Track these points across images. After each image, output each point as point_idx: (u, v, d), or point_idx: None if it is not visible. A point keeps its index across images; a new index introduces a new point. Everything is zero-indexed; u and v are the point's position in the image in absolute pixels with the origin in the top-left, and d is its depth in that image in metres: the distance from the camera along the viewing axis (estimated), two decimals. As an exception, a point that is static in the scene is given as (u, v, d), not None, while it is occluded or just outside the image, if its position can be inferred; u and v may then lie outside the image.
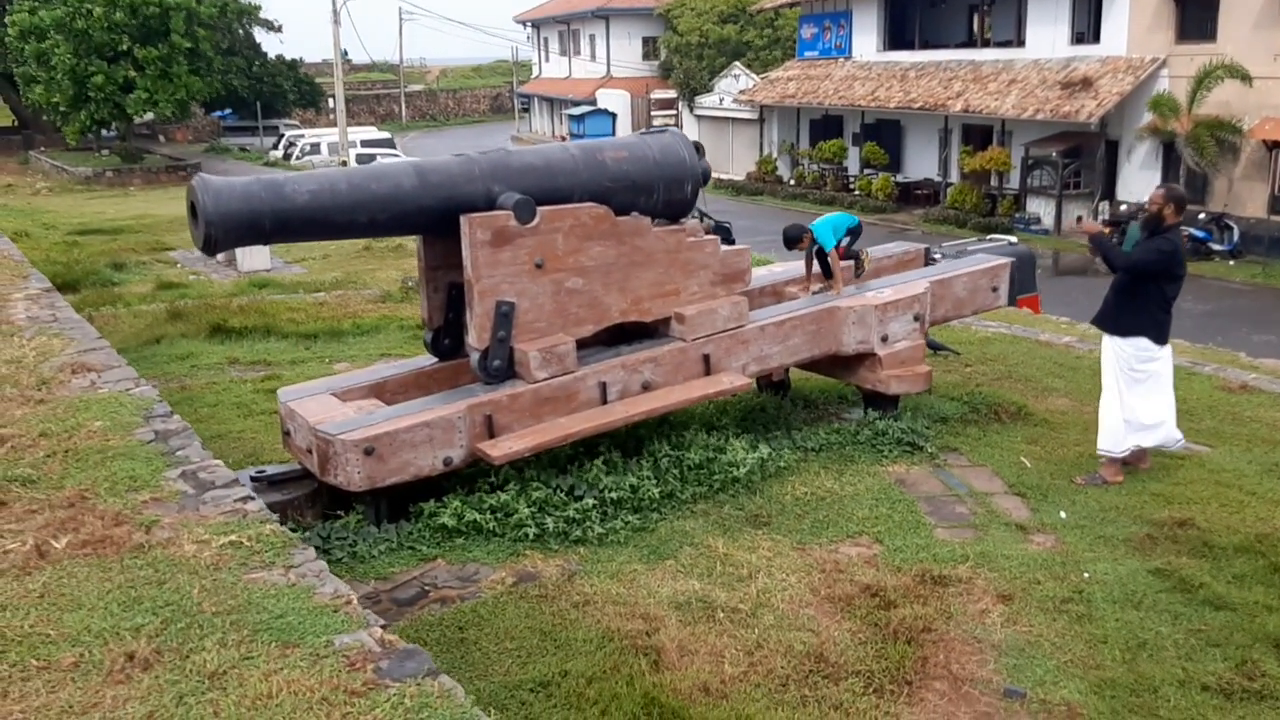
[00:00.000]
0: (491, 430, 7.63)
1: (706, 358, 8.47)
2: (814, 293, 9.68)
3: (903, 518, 7.88)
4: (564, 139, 62.82)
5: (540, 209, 7.78)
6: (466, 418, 7.50)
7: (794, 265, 10.49)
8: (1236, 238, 30.08)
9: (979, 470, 8.76)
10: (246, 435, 9.79)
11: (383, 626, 4.54)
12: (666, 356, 8.31)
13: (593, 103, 61.83)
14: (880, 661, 5.99)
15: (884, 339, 9.05)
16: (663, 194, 8.49)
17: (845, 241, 9.73)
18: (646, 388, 8.24)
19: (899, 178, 40.89)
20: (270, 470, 7.73)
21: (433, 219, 7.71)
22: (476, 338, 7.73)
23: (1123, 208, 33.61)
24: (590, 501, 7.69)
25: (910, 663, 5.96)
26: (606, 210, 8.06)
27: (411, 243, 17.14)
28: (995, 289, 10.09)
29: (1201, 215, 30.67)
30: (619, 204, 8.19)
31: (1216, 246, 30.14)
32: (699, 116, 51.82)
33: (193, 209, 7.14)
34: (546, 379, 7.81)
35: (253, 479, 7.60)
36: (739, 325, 8.63)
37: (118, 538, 5.25)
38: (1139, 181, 34.59)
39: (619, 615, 6.56)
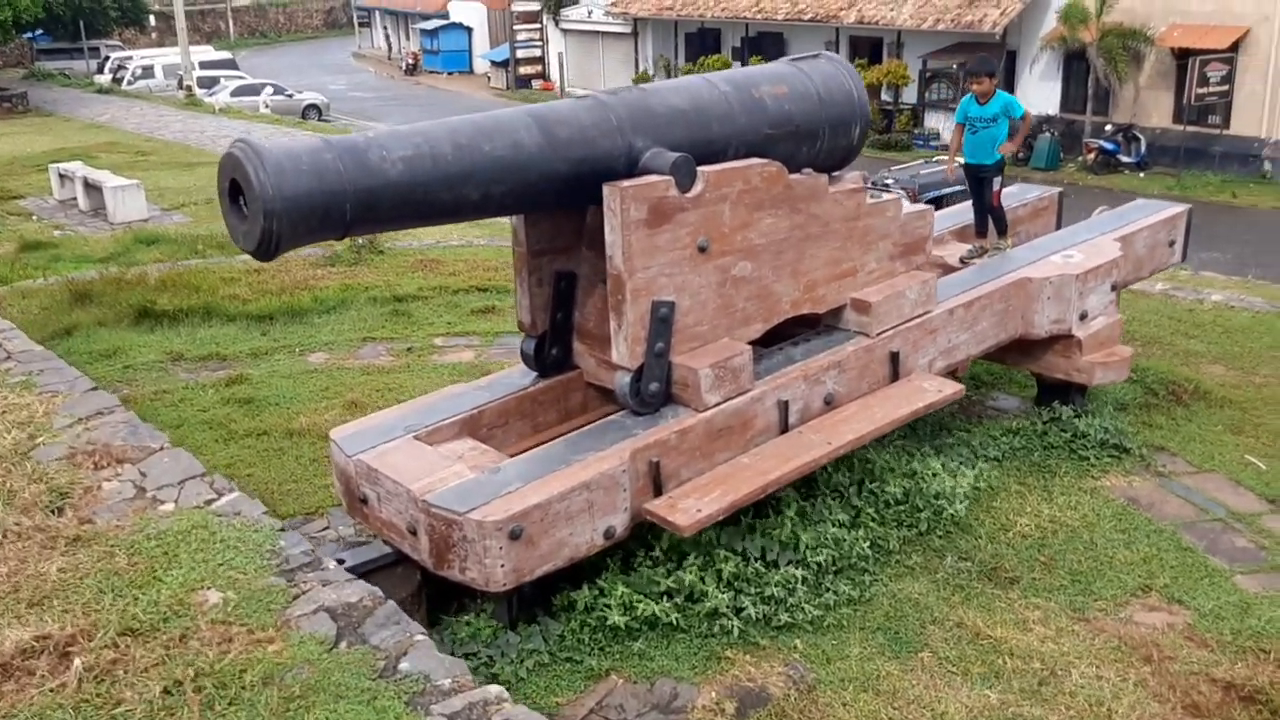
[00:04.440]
0: (659, 482, 5.49)
1: (894, 356, 6.46)
2: (964, 258, 7.74)
3: (1179, 560, 6.10)
4: (415, 56, 58.92)
5: (700, 170, 5.60)
6: (630, 469, 5.34)
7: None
8: (1144, 149, 29.45)
9: (1211, 478, 7.05)
10: (239, 471, 7.32)
11: None
12: (851, 359, 6.27)
13: (445, 16, 57.96)
14: (1357, 828, 4.19)
15: (1082, 316, 7.19)
16: (827, 140, 6.39)
17: (998, 184, 7.80)
18: (829, 403, 6.19)
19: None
20: (348, 555, 5.42)
21: (560, 189, 5.46)
22: (629, 352, 5.54)
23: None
24: (796, 572, 5.65)
25: (1400, 827, 4.19)
26: (780, 168, 5.93)
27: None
28: (1172, 243, 8.33)
29: (1108, 127, 29.94)
30: (780, 157, 6.06)
31: (1124, 158, 29.44)
32: (565, 30, 48.85)
33: (234, 190, 4.72)
34: (719, 404, 5.70)
35: (327, 573, 5.29)
36: (926, 311, 6.63)
37: None
38: (1039, 93, 33.66)
39: (920, 760, 4.59)
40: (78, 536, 4.49)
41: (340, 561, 5.33)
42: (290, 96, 40.40)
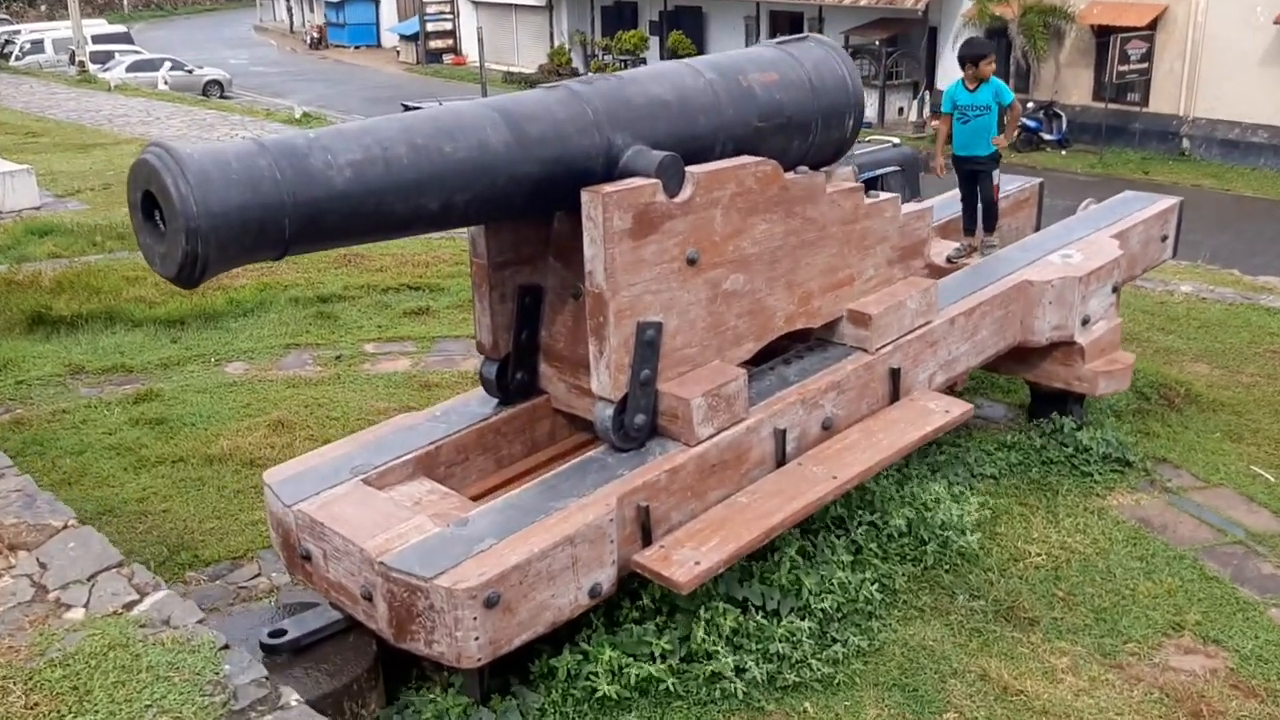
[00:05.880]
0: (647, 528, 4.82)
1: (895, 373, 5.85)
2: (951, 258, 7.18)
3: (1206, 591, 5.61)
4: (320, 29, 57.17)
5: (688, 171, 4.92)
6: (618, 516, 4.66)
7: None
8: (1065, 126, 29.48)
9: (1221, 493, 6.59)
10: (153, 506, 6.52)
11: None
12: (850, 378, 5.64)
13: (352, -14, 56.22)
14: None
15: (1084, 321, 6.66)
16: (819, 133, 5.75)
17: (998, 177, 7.26)
18: (827, 428, 5.56)
19: (707, 68, 38.65)
20: (290, 625, 4.65)
21: (530, 194, 4.74)
22: (611, 381, 4.84)
23: (948, 97, 32.52)
24: (802, 624, 5.02)
25: None
26: (775, 166, 5.27)
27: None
28: (1165, 238, 7.86)
29: (1030, 104, 29.87)
30: (771, 152, 5.42)
31: (1047, 136, 29.42)
32: (477, 3, 47.62)
33: (148, 204, 3.93)
34: (711, 436, 5.03)
35: (267, 647, 4.54)
36: (926, 322, 6.04)
37: None
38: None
39: None
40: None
41: (280, 634, 4.57)
42: (190, 72, 38.68)
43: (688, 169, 4.91)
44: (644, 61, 41.54)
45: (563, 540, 4.43)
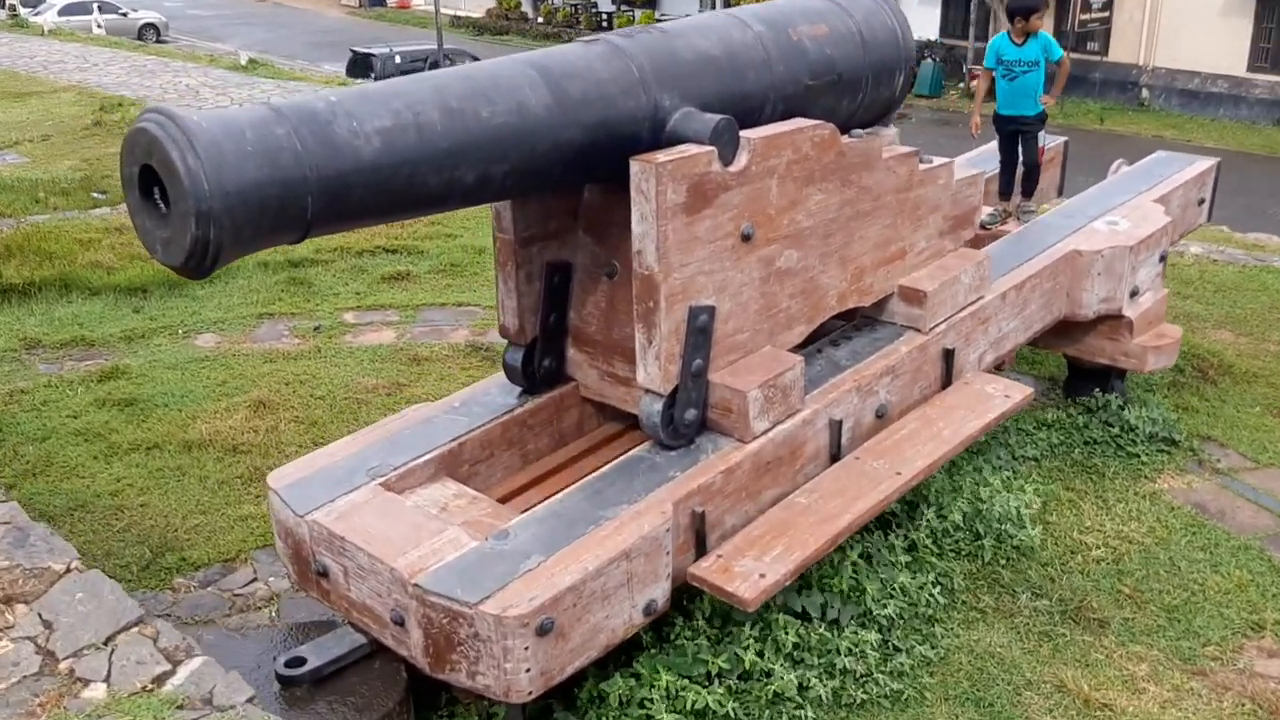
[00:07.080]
0: (702, 536, 4.35)
1: (949, 354, 5.41)
2: (985, 224, 6.74)
3: None
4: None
5: (743, 136, 4.41)
6: (674, 524, 4.18)
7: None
8: (1025, 75, 29.15)
9: (1272, 474, 6.26)
10: (129, 500, 5.95)
11: None
12: (905, 361, 5.19)
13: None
14: None
15: (1133, 293, 6.26)
16: (869, 91, 5.25)
17: (1044, 139, 6.84)
18: (880, 416, 5.11)
19: (660, 14, 38.01)
20: (309, 651, 4.14)
21: (570, 163, 4.20)
22: (661, 373, 4.34)
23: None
24: (868, 635, 4.60)
25: None
26: (833, 130, 4.76)
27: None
28: (1202, 201, 7.48)
29: (989, 52, 29.50)
30: (821, 113, 4.91)
31: (1006, 85, 29.05)
32: (417, -54, 46.31)
33: (148, 178, 3.35)
34: (767, 431, 4.56)
35: (283, 678, 4.03)
36: (979, 297, 5.60)
37: None
38: (919, 18, 33.17)
39: None
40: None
41: (298, 662, 4.07)
42: (124, 15, 37.17)
43: (742, 134, 4.40)
44: (595, 5, 40.68)
45: (618, 555, 3.95)
